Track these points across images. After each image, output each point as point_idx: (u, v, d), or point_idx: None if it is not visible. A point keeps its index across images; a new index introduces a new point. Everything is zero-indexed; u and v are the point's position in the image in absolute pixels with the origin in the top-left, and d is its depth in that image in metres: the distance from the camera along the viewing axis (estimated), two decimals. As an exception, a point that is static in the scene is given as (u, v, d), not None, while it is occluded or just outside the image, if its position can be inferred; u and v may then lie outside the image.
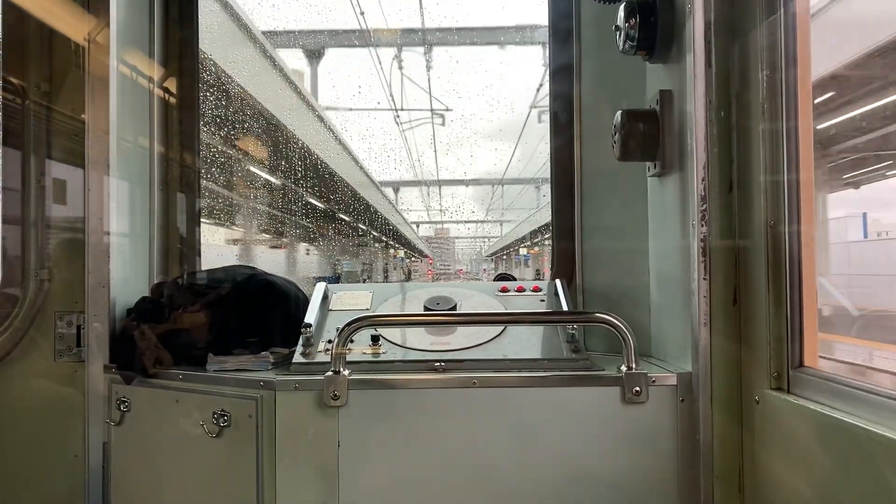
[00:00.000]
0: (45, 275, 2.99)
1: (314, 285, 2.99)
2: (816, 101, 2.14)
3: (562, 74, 3.13)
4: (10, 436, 2.97)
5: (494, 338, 2.63)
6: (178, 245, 3.31)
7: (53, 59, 3.06)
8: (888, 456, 1.60)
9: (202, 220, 3.42)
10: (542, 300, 2.93)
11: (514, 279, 3.15)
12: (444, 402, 2.38)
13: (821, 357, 2.11)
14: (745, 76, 2.24)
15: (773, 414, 2.09)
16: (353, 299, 2.96)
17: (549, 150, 3.22)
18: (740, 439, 2.26)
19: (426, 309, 2.82)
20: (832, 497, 1.83)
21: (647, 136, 2.57)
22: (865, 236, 18.85)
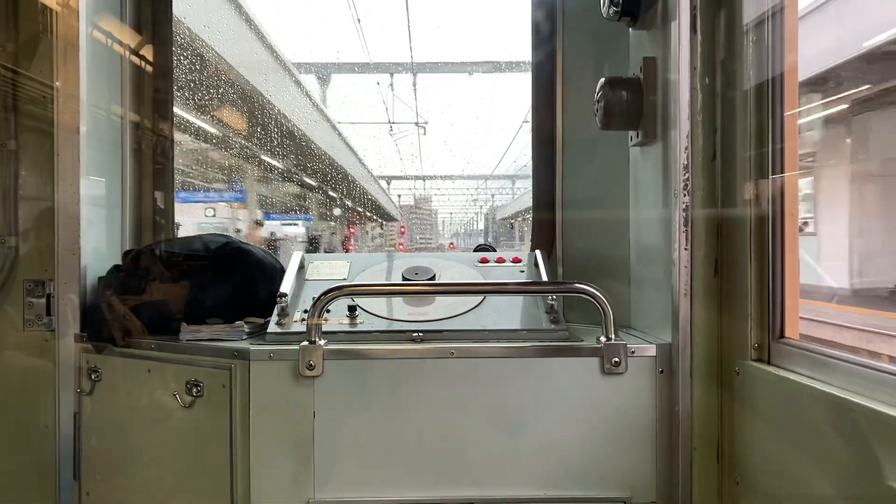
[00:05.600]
0: (14, 242, 2.92)
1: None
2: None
3: (544, 41, 3.08)
4: None
5: (473, 308, 2.60)
6: (151, 213, 3.25)
7: (21, 22, 2.97)
8: (867, 425, 1.59)
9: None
10: (522, 271, 2.91)
11: (494, 250, 3.12)
12: (422, 373, 2.35)
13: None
14: (731, 43, 2.20)
15: (753, 385, 2.08)
16: (329, 269, 2.92)
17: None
18: (719, 410, 2.25)
19: (404, 279, 2.79)
20: (811, 467, 1.83)
21: (630, 105, 2.53)
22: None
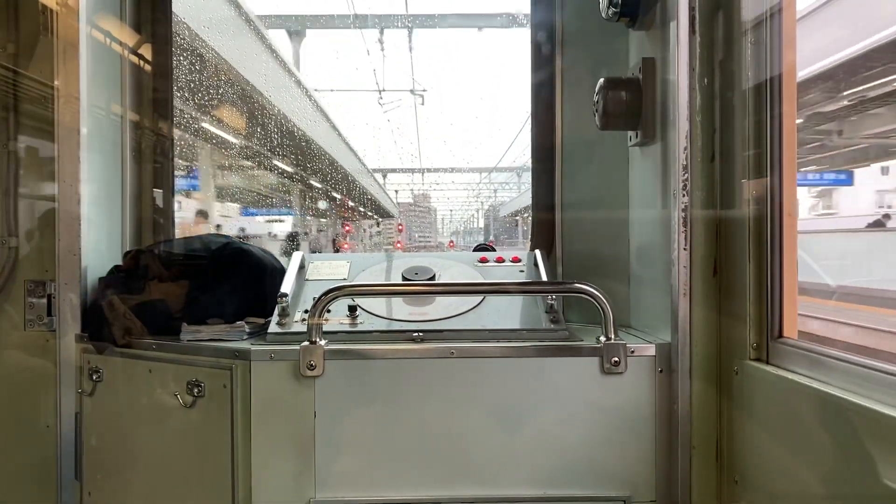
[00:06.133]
0: (14, 242, 2.92)
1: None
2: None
3: (543, 41, 3.08)
4: None
5: (473, 308, 2.61)
6: (151, 213, 3.25)
7: (21, 23, 2.97)
8: (864, 424, 1.60)
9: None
10: (522, 271, 2.91)
11: (494, 249, 3.12)
12: (422, 373, 2.36)
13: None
14: (730, 44, 2.21)
15: (751, 385, 2.09)
16: (330, 269, 2.92)
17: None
18: (718, 410, 2.26)
19: (404, 279, 2.79)
20: (809, 465, 1.83)
21: (629, 105, 2.54)
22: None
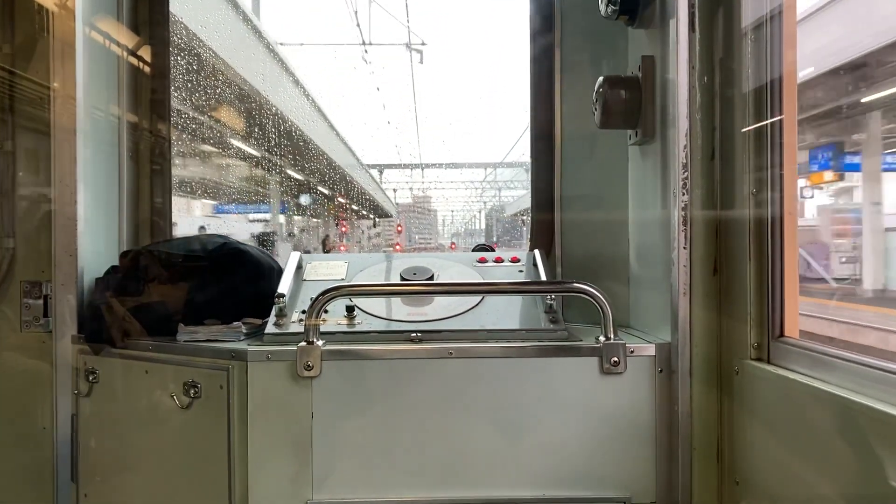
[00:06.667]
0: (11, 243, 2.91)
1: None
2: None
3: (542, 40, 3.07)
4: None
5: (472, 308, 2.59)
6: (148, 215, 3.24)
7: (18, 23, 2.96)
8: (866, 424, 1.59)
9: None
10: (521, 271, 2.90)
11: (493, 250, 3.11)
12: (421, 373, 2.34)
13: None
14: (730, 42, 2.20)
15: (752, 384, 2.08)
16: (327, 269, 2.91)
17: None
18: (719, 410, 2.25)
19: (402, 279, 2.78)
20: (811, 466, 1.82)
21: (629, 103, 2.53)
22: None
